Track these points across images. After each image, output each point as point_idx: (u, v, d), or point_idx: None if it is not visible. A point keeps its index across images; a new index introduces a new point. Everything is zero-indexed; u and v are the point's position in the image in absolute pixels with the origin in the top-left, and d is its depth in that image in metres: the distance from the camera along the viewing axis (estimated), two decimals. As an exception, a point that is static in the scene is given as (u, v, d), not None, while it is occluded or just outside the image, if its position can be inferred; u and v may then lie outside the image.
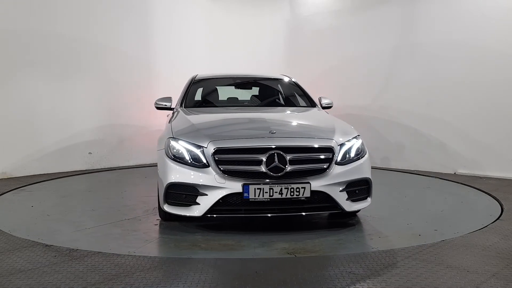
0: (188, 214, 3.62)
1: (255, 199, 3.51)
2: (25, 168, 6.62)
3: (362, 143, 3.99)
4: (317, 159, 3.68)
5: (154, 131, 7.39)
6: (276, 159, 3.54)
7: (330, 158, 3.69)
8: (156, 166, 3.98)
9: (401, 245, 3.44)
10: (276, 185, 3.51)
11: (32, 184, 5.99)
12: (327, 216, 4.34)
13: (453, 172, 7.03)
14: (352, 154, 3.84)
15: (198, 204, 3.56)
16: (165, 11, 8.22)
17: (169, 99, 5.01)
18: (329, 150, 3.72)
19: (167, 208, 3.71)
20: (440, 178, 6.57)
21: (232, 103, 5.51)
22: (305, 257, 3.20)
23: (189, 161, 3.64)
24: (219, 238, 3.65)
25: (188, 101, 5.03)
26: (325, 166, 3.66)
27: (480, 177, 6.61)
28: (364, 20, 8.29)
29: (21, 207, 4.79)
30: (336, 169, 3.69)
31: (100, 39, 7.37)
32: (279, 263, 3.08)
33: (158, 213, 4.21)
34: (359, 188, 3.82)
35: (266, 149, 3.57)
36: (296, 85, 5.65)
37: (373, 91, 8.13)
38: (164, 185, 3.66)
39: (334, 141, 3.78)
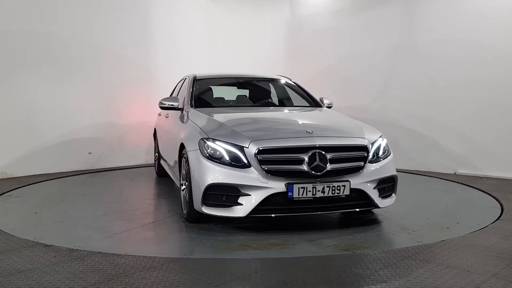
0: (230, 215, 3.58)
1: (298, 198, 3.54)
2: (25, 168, 6.62)
3: (387, 142, 4.13)
4: (354, 157, 3.77)
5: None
6: (317, 158, 3.58)
7: (365, 156, 3.80)
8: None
9: (438, 238, 3.61)
10: (318, 184, 3.55)
11: (32, 184, 5.99)
12: (342, 214, 4.38)
13: (453, 172, 7.03)
14: (381, 153, 3.98)
15: (241, 204, 3.53)
16: (165, 11, 8.22)
17: (175, 99, 4.96)
18: (364, 148, 3.82)
19: (205, 209, 3.63)
20: (440, 178, 6.57)
21: (242, 102, 5.48)
22: (301, 257, 3.20)
23: (229, 162, 3.59)
24: (264, 237, 3.63)
25: (196, 101, 4.98)
26: (361, 164, 3.76)
27: (480, 177, 6.61)
28: (364, 20, 8.29)
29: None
30: (369, 167, 3.81)
31: (100, 39, 7.36)
32: (279, 263, 3.08)
33: (170, 215, 4.22)
34: (387, 185, 3.96)
35: (308, 148, 3.61)
36: (297, 86, 5.73)
37: (373, 91, 8.13)
38: (202, 187, 3.59)
39: (367, 139, 3.89)
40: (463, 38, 6.98)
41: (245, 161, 3.57)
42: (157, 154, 6.63)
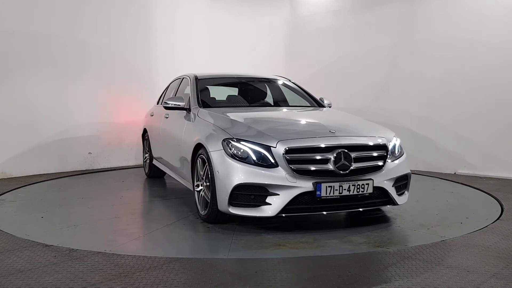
0: (259, 215, 3.59)
1: (326, 196, 3.59)
2: (25, 168, 6.61)
3: (400, 141, 4.25)
4: (375, 156, 3.87)
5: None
6: (342, 157, 3.65)
7: (384, 155, 3.91)
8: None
9: (457, 234, 3.74)
10: (345, 183, 3.62)
11: (32, 184, 5.99)
12: (347, 213, 4.42)
13: (453, 172, 7.03)
14: (396, 151, 4.10)
15: (269, 204, 3.55)
16: (165, 11, 8.22)
17: (181, 98, 4.91)
18: (384, 147, 3.93)
19: (232, 210, 3.63)
20: (440, 178, 6.57)
21: (246, 102, 5.45)
22: (302, 257, 3.20)
23: (255, 162, 3.61)
24: (293, 236, 3.65)
25: (204, 101, 4.95)
26: (381, 163, 3.87)
27: (480, 177, 6.61)
28: (363, 20, 8.29)
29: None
30: (388, 166, 3.92)
31: (100, 40, 7.35)
32: (278, 263, 3.08)
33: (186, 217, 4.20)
34: (402, 183, 4.08)
35: (333, 148, 3.68)
36: (298, 86, 5.78)
37: (373, 91, 8.13)
38: (229, 187, 3.58)
39: (385, 138, 4.02)
40: (463, 38, 6.98)
41: (272, 160, 3.60)
42: (147, 155, 6.51)
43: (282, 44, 9.47)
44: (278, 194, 3.54)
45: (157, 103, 6.52)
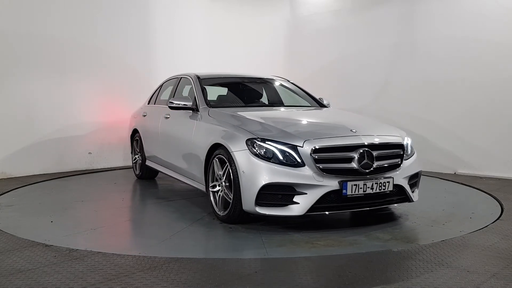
0: (287, 214, 3.63)
1: (351, 195, 3.65)
2: (25, 168, 6.62)
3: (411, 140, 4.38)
4: (393, 155, 3.99)
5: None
6: (365, 156, 3.74)
7: (401, 154, 4.03)
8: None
9: (472, 228, 3.88)
10: (368, 181, 3.70)
11: (32, 184, 5.99)
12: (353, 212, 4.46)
13: (453, 172, 7.03)
14: (409, 150, 4.21)
15: (297, 203, 3.59)
16: (165, 11, 8.22)
17: (187, 98, 4.87)
18: (401, 146, 4.06)
19: (259, 210, 3.64)
20: (440, 178, 6.57)
21: (252, 102, 5.45)
22: (303, 257, 3.20)
23: (281, 161, 3.63)
24: (320, 235, 3.70)
25: (211, 101, 4.92)
26: (399, 161, 3.99)
27: (480, 177, 6.61)
28: (363, 20, 8.29)
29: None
30: (404, 164, 4.05)
31: (100, 39, 7.35)
32: (278, 263, 3.08)
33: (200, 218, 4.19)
34: (415, 181, 4.23)
35: (357, 147, 3.75)
36: (298, 87, 5.81)
37: (372, 91, 8.13)
38: (256, 187, 3.59)
39: (401, 137, 4.14)
40: (463, 38, 6.98)
41: (299, 160, 3.63)
42: (137, 156, 6.37)
43: (282, 44, 9.47)
44: (306, 193, 3.58)
45: (148, 103, 6.43)
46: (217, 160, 4.06)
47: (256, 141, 3.73)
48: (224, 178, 3.95)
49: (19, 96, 6.55)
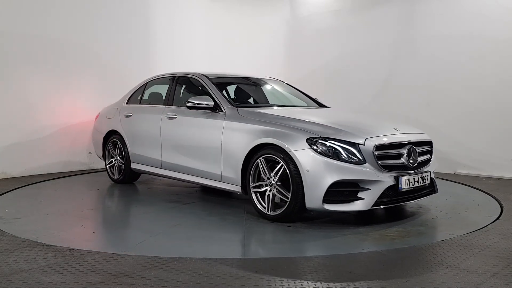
0: (353, 210, 3.79)
1: (405, 189, 3.93)
2: (25, 168, 6.62)
3: None
4: (427, 151, 4.34)
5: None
6: (412, 152, 4.04)
7: (431, 150, 4.41)
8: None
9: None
10: (415, 175, 4.01)
11: (32, 184, 5.99)
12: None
13: (453, 172, 7.03)
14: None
15: (362, 198, 3.76)
16: (165, 12, 8.22)
17: (207, 98, 4.75)
18: (430, 143, 4.44)
19: (327, 206, 3.74)
20: (440, 178, 6.57)
21: (263, 102, 5.48)
22: (303, 257, 3.20)
23: (344, 159, 3.77)
24: (378, 229, 3.85)
25: (232, 101, 4.87)
26: (430, 157, 4.36)
27: (480, 177, 6.62)
28: (364, 20, 8.29)
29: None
30: (432, 159, 4.42)
31: (100, 39, 7.36)
32: (277, 262, 3.08)
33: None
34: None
35: (405, 144, 4.05)
36: (293, 87, 5.85)
37: (373, 91, 8.13)
38: (325, 184, 3.70)
39: (427, 135, 4.50)
40: (463, 38, 6.99)
41: (360, 157, 3.79)
42: (113, 159, 6.04)
43: (282, 44, 9.47)
44: (369, 189, 3.76)
45: (127, 103, 6.13)
46: (263, 160, 4.06)
47: (318, 140, 3.82)
48: (277, 178, 3.96)
49: (19, 96, 6.55)
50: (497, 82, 6.64)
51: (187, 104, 4.77)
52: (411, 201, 4.20)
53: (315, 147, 3.80)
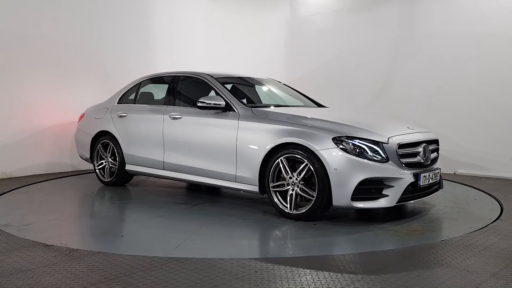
0: (379, 206, 3.90)
1: (423, 185, 4.09)
2: (25, 168, 6.62)
3: None
4: (435, 149, 4.52)
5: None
6: (427, 151, 4.22)
7: (438, 147, 4.59)
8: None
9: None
10: (429, 172, 4.19)
11: (32, 184, 5.99)
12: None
13: (453, 172, 7.03)
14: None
15: (387, 195, 3.88)
16: (165, 12, 8.22)
17: (218, 97, 4.72)
18: (437, 141, 4.61)
19: (355, 204, 3.83)
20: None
21: (270, 102, 5.44)
22: (301, 257, 3.20)
23: (370, 157, 3.88)
24: (401, 225, 3.99)
25: (243, 101, 4.88)
26: (438, 155, 4.54)
27: (480, 177, 6.62)
28: (364, 21, 8.29)
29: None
30: (439, 157, 4.59)
31: (100, 39, 7.36)
32: (278, 262, 3.08)
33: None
34: None
35: (420, 142, 4.22)
36: (289, 87, 5.90)
37: (373, 91, 8.14)
38: (354, 182, 3.78)
39: (434, 134, 4.64)
40: (463, 38, 6.99)
41: (384, 155, 3.92)
42: (103, 161, 5.85)
43: (282, 44, 9.47)
44: (393, 186, 3.88)
45: (118, 102, 5.96)
46: (284, 159, 4.08)
47: (344, 138, 3.91)
48: (300, 177, 3.99)
49: (19, 96, 6.55)
50: (497, 82, 6.65)
51: (198, 104, 4.70)
52: (427, 197, 4.35)
53: (341, 146, 3.88)
